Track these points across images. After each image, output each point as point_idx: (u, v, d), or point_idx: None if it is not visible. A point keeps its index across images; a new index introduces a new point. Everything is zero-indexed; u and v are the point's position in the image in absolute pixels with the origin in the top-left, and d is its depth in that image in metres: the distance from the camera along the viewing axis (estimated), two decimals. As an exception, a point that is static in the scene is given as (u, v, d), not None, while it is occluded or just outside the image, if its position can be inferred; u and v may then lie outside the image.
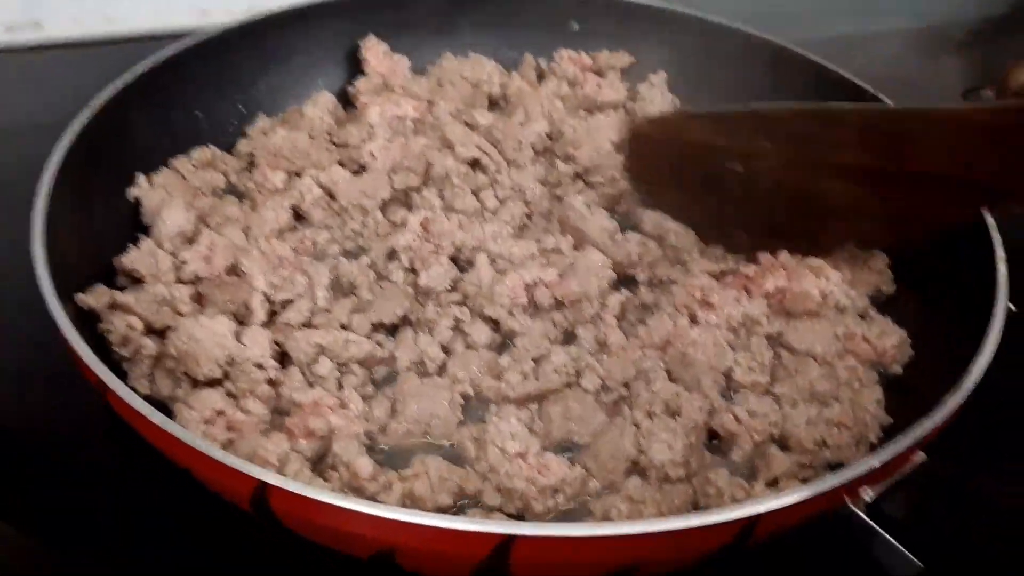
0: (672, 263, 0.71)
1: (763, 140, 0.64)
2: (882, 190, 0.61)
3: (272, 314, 0.64)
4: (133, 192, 0.71)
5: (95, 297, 0.58)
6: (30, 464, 0.59)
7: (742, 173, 0.65)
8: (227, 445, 0.54)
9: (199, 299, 0.64)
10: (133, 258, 0.64)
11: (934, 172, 0.57)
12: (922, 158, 0.57)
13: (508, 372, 0.61)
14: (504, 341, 0.65)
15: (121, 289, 0.63)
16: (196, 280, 0.65)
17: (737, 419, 0.58)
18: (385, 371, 0.63)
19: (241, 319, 0.62)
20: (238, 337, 0.60)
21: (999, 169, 0.54)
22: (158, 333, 0.60)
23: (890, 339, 0.64)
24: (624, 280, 0.70)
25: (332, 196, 0.74)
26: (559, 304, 0.66)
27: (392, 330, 0.65)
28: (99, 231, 0.66)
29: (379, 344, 0.63)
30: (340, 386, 0.60)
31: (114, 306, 0.59)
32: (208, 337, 0.58)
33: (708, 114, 0.68)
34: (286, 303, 0.64)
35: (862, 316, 0.67)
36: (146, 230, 0.69)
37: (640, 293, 0.69)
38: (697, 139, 0.67)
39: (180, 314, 0.62)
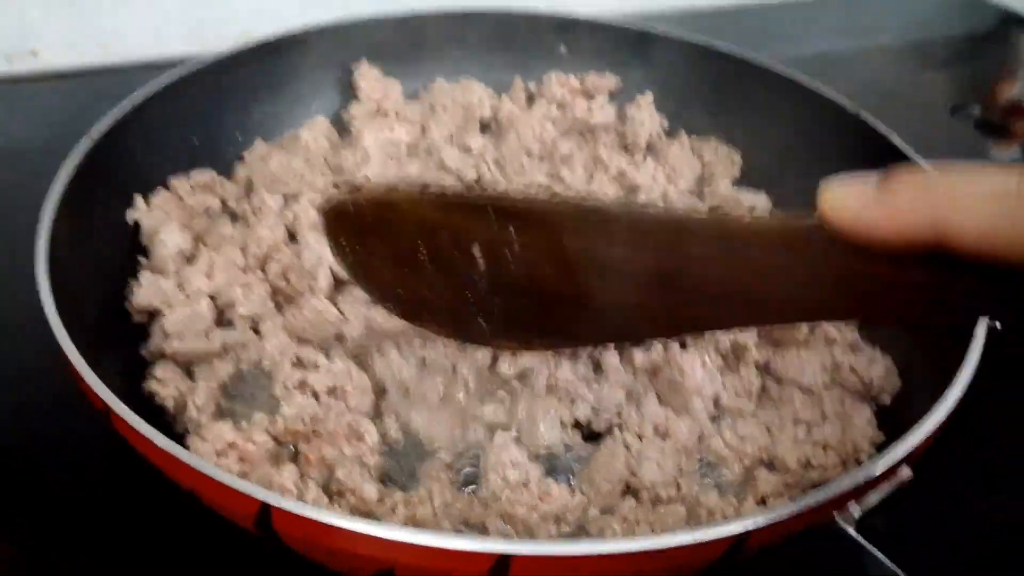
0: None
1: (508, 226, 0.50)
2: (654, 294, 0.48)
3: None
4: (132, 215, 0.72)
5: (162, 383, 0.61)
6: (32, 486, 0.60)
7: (482, 260, 0.52)
8: (242, 475, 0.54)
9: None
10: (143, 295, 0.65)
11: (706, 284, 0.46)
12: (690, 271, 0.46)
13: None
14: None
15: (138, 326, 0.65)
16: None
17: (726, 443, 0.59)
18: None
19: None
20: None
21: (785, 286, 0.43)
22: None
23: (877, 369, 0.64)
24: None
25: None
26: None
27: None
28: (100, 254, 0.67)
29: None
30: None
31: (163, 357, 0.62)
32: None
33: (444, 194, 0.53)
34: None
35: (852, 348, 0.68)
36: (145, 252, 0.71)
37: None
38: (428, 218, 0.53)
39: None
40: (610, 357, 0.64)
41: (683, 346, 0.65)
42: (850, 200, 0.35)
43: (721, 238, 0.44)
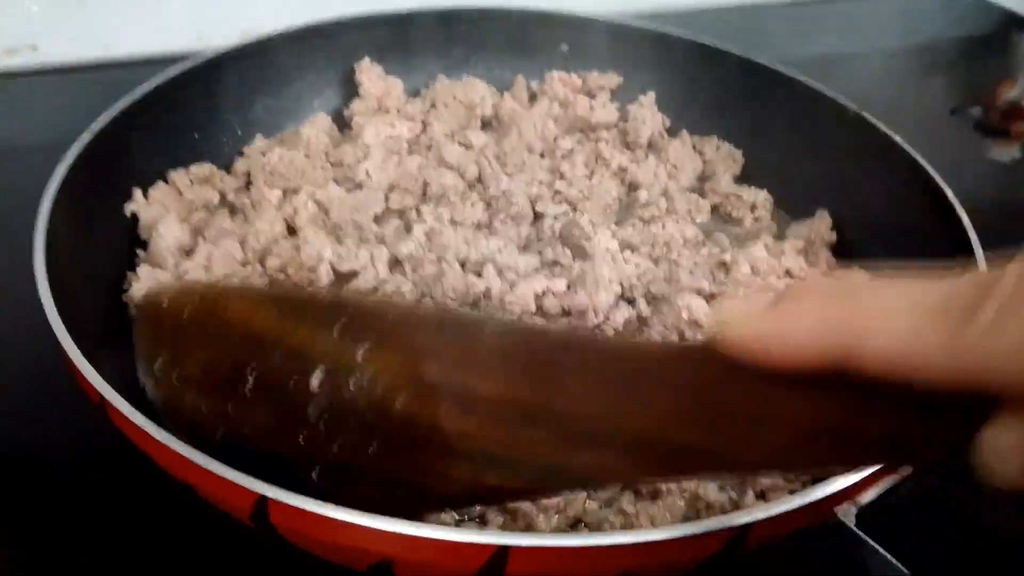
0: (668, 281, 0.72)
1: (356, 344, 0.40)
2: (525, 431, 0.38)
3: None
4: (130, 207, 0.72)
5: None
6: (31, 486, 0.60)
7: (319, 387, 0.41)
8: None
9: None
10: (139, 288, 0.65)
11: (593, 420, 0.37)
12: (574, 398, 0.37)
13: None
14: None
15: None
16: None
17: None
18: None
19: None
20: None
21: (686, 425, 0.35)
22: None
23: None
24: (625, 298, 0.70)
25: (327, 212, 0.75)
26: (566, 313, 0.67)
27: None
28: (99, 247, 0.67)
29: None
30: None
31: None
32: None
33: (275, 295, 0.45)
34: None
35: None
36: (144, 245, 0.71)
37: (639, 308, 0.70)
38: (256, 327, 0.42)
39: None
40: None
41: (683, 340, 0.65)
42: (744, 317, 0.31)
43: (601, 355, 0.38)
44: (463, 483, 0.41)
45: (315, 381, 0.41)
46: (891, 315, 0.27)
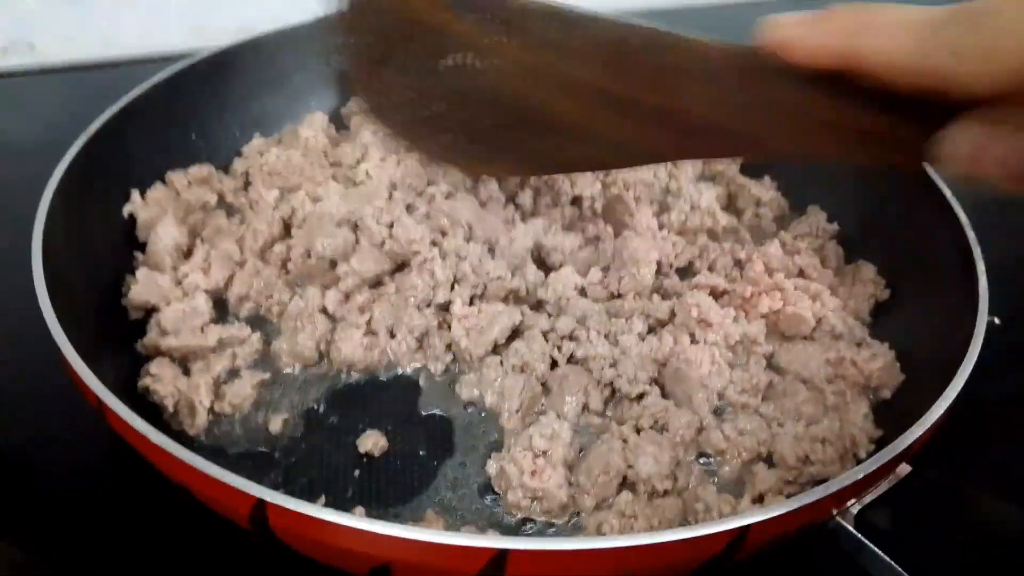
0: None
1: (499, 34, 0.52)
2: (617, 116, 0.51)
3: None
4: (128, 208, 0.72)
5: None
6: (31, 486, 0.60)
7: (466, 67, 0.53)
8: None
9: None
10: (138, 291, 0.65)
11: (666, 104, 0.48)
12: (654, 88, 0.49)
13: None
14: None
15: (135, 322, 0.65)
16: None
17: (725, 437, 0.59)
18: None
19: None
20: None
21: (744, 114, 0.46)
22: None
23: (877, 363, 0.64)
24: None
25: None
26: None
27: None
28: (97, 249, 0.67)
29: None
30: None
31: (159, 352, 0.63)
32: None
33: None
34: None
35: (858, 344, 0.67)
36: (142, 246, 0.71)
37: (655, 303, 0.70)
38: (424, 18, 0.53)
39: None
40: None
41: (693, 339, 0.66)
42: (786, 23, 0.41)
43: (673, 51, 0.48)
44: (563, 151, 0.54)
45: (450, 61, 0.53)
46: (884, 29, 0.37)
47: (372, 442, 0.59)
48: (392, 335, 0.65)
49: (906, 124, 0.40)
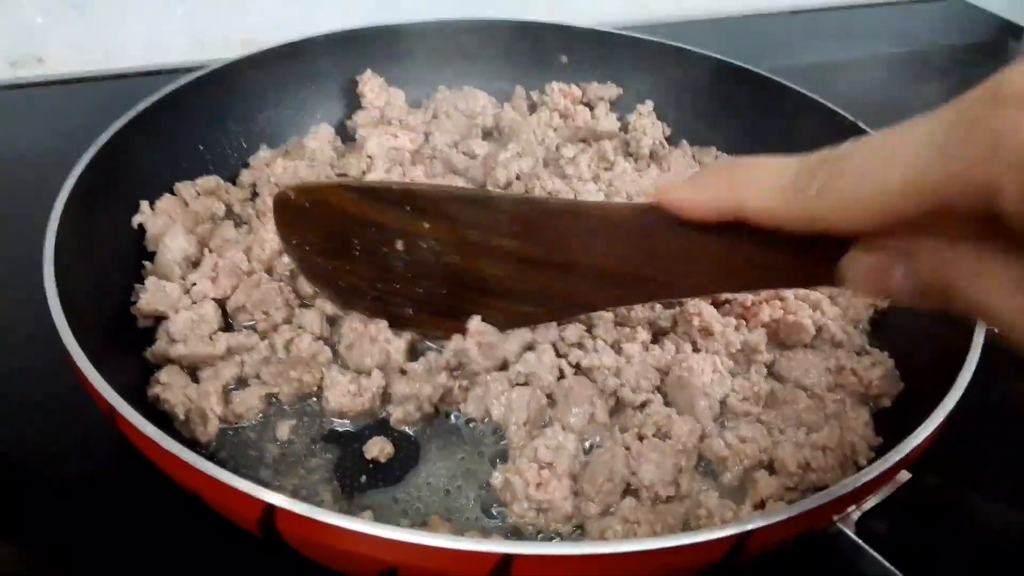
0: None
1: (421, 220, 0.58)
2: (537, 275, 0.58)
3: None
4: (137, 218, 0.73)
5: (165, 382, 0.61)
6: (36, 488, 0.60)
7: (402, 251, 0.60)
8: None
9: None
10: (147, 300, 0.66)
11: (582, 262, 0.55)
12: (569, 249, 0.55)
13: None
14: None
15: (144, 331, 0.66)
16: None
17: (727, 444, 0.60)
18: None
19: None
20: None
21: (653, 263, 0.52)
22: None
23: (877, 371, 0.65)
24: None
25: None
26: None
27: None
28: (107, 257, 0.68)
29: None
30: None
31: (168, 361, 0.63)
32: None
33: (363, 187, 0.60)
34: None
35: (858, 353, 0.68)
36: (150, 256, 0.71)
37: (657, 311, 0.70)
38: (353, 212, 0.59)
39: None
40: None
41: (695, 348, 0.66)
42: (671, 186, 0.46)
43: (577, 216, 0.54)
44: (504, 311, 0.62)
45: (399, 246, 0.60)
46: (759, 185, 0.40)
47: (379, 448, 0.60)
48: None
49: (807, 256, 0.43)
